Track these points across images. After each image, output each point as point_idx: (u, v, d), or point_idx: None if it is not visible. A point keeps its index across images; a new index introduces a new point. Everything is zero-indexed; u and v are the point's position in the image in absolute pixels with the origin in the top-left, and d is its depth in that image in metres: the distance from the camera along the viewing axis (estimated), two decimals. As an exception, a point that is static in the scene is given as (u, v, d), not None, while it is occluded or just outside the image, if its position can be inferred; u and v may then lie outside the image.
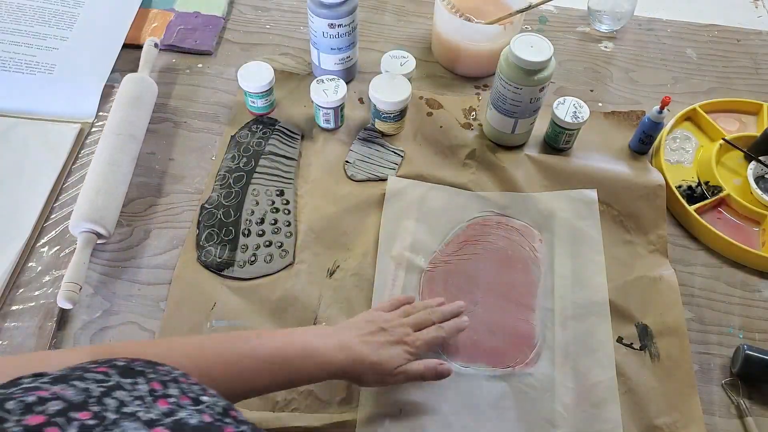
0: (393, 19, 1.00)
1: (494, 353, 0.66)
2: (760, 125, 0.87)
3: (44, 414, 0.28)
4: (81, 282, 0.65)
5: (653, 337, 0.68)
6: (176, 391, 0.35)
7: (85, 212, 0.68)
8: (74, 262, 0.66)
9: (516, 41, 0.72)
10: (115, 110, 0.78)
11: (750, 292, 0.73)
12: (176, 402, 0.34)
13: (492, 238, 0.75)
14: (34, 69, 0.84)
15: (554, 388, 0.64)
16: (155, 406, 0.32)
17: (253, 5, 1.00)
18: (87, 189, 0.71)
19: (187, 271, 0.70)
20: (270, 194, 0.77)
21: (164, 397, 0.33)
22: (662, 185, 0.78)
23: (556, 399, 0.64)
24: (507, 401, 0.63)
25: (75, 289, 0.64)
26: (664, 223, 0.76)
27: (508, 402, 0.63)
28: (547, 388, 0.64)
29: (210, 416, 0.34)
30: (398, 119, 0.82)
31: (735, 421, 0.64)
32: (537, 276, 0.72)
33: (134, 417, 0.30)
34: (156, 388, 0.34)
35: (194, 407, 0.34)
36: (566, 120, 0.78)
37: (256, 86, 0.80)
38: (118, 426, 0.29)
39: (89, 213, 0.68)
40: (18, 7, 0.89)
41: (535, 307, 0.70)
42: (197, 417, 0.33)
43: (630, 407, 0.64)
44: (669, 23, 1.02)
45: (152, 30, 0.93)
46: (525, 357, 0.66)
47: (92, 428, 0.28)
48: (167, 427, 0.31)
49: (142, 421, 0.30)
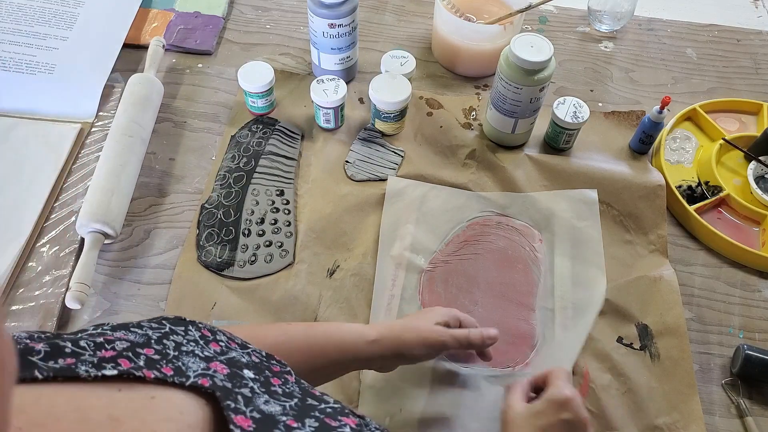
0: (393, 19, 1.00)
1: (494, 353, 0.66)
2: (760, 125, 0.87)
3: (114, 350, 0.30)
4: (89, 282, 0.65)
5: (653, 337, 0.68)
6: (224, 338, 0.37)
7: (94, 212, 0.68)
8: (82, 262, 0.66)
9: (516, 41, 0.72)
10: (123, 110, 0.78)
11: (750, 292, 0.73)
12: (226, 345, 0.37)
13: (492, 238, 0.75)
14: (34, 69, 0.84)
15: None
16: (208, 347, 0.35)
17: (253, 5, 1.00)
18: (95, 189, 0.70)
19: (188, 271, 0.70)
20: (270, 194, 0.77)
21: (215, 341, 0.36)
22: (662, 185, 0.78)
23: None
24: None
25: (84, 289, 0.64)
26: (664, 222, 0.76)
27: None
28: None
29: (257, 357, 0.37)
30: (398, 119, 0.82)
31: (735, 421, 0.64)
32: (537, 276, 0.72)
33: (193, 354, 0.33)
34: (206, 334, 0.37)
35: (242, 350, 0.37)
36: (566, 120, 0.78)
37: (256, 86, 0.80)
38: (180, 360, 0.32)
39: (98, 213, 0.68)
40: (18, 7, 0.89)
41: (534, 307, 0.70)
42: (246, 357, 0.36)
43: (630, 407, 0.64)
44: (669, 23, 1.02)
45: (152, 30, 0.93)
46: (525, 357, 0.66)
47: (158, 361, 0.31)
48: (222, 362, 0.34)
49: (200, 357, 0.33)
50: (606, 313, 0.70)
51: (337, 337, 0.55)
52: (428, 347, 0.57)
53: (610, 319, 0.70)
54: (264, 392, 0.33)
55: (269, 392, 0.33)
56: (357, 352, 0.55)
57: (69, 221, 0.72)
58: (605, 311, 0.70)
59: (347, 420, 0.34)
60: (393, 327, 0.57)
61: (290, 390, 0.35)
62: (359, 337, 0.55)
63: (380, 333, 0.56)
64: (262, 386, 0.34)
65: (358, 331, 0.56)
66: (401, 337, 0.56)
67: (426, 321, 0.58)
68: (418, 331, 0.57)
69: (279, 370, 0.37)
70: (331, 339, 0.55)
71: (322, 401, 0.36)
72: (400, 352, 0.56)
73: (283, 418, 0.31)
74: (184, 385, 0.30)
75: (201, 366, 0.32)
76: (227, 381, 0.32)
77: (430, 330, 0.57)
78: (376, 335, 0.55)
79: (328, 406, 0.35)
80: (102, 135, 0.80)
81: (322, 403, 0.35)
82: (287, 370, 0.38)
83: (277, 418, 0.31)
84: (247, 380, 0.33)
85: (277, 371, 0.37)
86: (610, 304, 0.70)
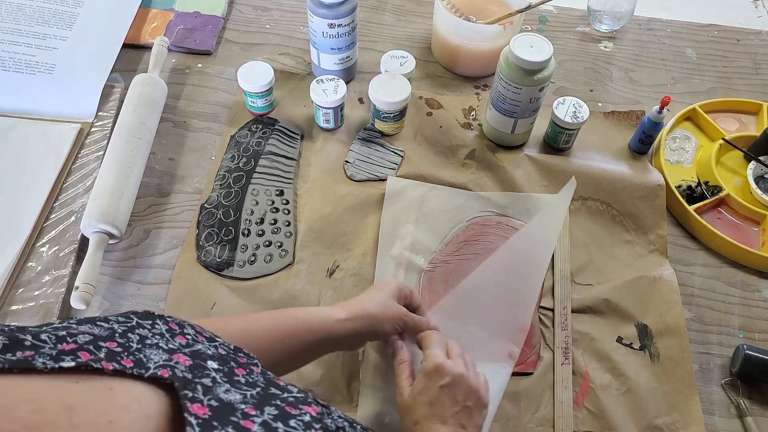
0: (393, 19, 1.00)
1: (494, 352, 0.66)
2: (760, 125, 0.87)
3: (75, 343, 0.31)
4: (94, 282, 0.65)
5: (653, 337, 0.68)
6: (192, 331, 0.38)
7: (103, 213, 0.68)
8: (87, 262, 0.66)
9: (516, 41, 0.72)
10: (131, 111, 0.77)
11: (750, 292, 0.73)
12: (193, 338, 0.37)
13: (491, 238, 0.75)
14: (34, 69, 0.84)
15: (555, 388, 0.64)
16: (174, 340, 0.36)
17: (253, 5, 1.00)
18: (103, 189, 0.70)
19: (187, 271, 0.70)
20: (270, 194, 0.77)
21: (182, 335, 0.37)
22: (662, 185, 0.78)
23: (557, 398, 0.64)
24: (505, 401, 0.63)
25: (90, 290, 0.64)
26: (664, 222, 0.76)
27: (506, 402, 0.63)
28: (547, 388, 0.64)
29: (224, 350, 0.38)
30: (398, 119, 0.82)
31: (735, 421, 0.64)
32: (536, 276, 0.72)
33: (156, 347, 0.34)
34: (173, 328, 0.37)
35: (210, 343, 0.38)
36: (566, 120, 0.78)
37: (256, 86, 0.80)
38: (142, 352, 0.33)
39: (107, 214, 0.68)
40: (18, 7, 0.89)
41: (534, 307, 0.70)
42: (213, 350, 0.37)
43: (630, 407, 0.64)
44: (669, 23, 1.02)
45: (152, 30, 0.93)
46: (525, 357, 0.66)
47: (119, 354, 0.32)
48: (186, 354, 0.34)
49: (164, 349, 0.34)
50: (606, 313, 0.70)
51: (308, 320, 0.55)
52: (394, 324, 0.58)
53: (610, 319, 0.70)
54: (226, 381, 0.34)
55: (231, 381, 0.34)
56: (329, 332, 0.55)
57: (69, 221, 0.72)
58: (605, 311, 0.70)
59: (308, 408, 0.35)
60: (362, 305, 0.57)
61: (254, 380, 0.36)
62: (330, 318, 0.55)
63: (351, 312, 0.56)
64: (225, 376, 0.34)
65: (327, 312, 0.56)
66: (372, 314, 0.57)
67: (387, 297, 0.59)
68: (384, 307, 0.58)
69: (245, 361, 0.38)
70: (302, 321, 0.55)
71: (285, 391, 0.36)
72: (373, 328, 0.57)
73: (242, 406, 0.32)
74: (143, 377, 0.31)
75: (163, 358, 0.33)
76: (188, 372, 0.32)
77: (397, 307, 0.59)
78: (347, 314, 0.56)
79: (290, 395, 0.36)
80: (102, 135, 0.80)
81: (285, 393, 0.36)
82: (254, 362, 0.38)
83: (236, 406, 0.31)
84: (209, 371, 0.34)
85: (243, 362, 0.38)
86: (610, 304, 0.70)
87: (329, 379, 0.64)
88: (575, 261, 0.74)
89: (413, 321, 0.60)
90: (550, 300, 0.71)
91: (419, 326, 0.60)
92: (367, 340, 0.61)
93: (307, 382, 0.63)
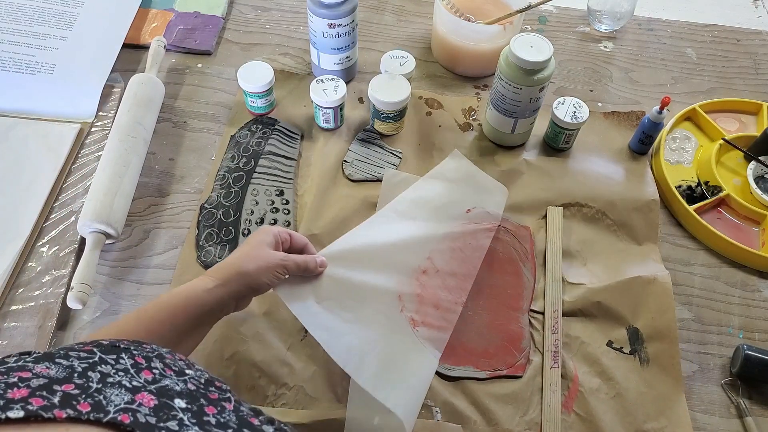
0: (393, 19, 1.00)
1: (483, 356, 0.66)
2: (760, 125, 0.87)
3: (28, 388, 0.29)
4: (91, 282, 0.65)
5: (643, 342, 0.68)
6: (160, 364, 0.36)
7: (97, 213, 0.68)
8: (84, 262, 0.66)
9: (516, 41, 0.72)
10: (126, 110, 0.78)
11: (750, 292, 0.73)
12: (161, 373, 0.35)
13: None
14: (34, 69, 0.84)
15: (543, 391, 0.64)
16: (139, 376, 0.34)
17: (253, 5, 1.00)
18: (98, 189, 0.70)
19: (187, 271, 0.70)
20: (269, 194, 0.77)
21: (148, 369, 0.35)
22: (656, 200, 0.78)
23: (545, 402, 0.63)
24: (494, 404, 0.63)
25: (86, 290, 0.64)
26: (657, 236, 0.76)
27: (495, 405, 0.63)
28: (535, 391, 0.64)
29: (194, 384, 0.36)
30: (397, 119, 0.82)
31: (735, 421, 0.64)
32: (528, 278, 0.72)
33: (119, 385, 0.32)
34: (140, 362, 0.35)
35: (178, 377, 0.35)
36: (566, 120, 0.78)
37: (256, 86, 0.80)
38: (102, 393, 0.31)
39: (101, 214, 0.68)
40: (18, 7, 0.89)
41: (525, 309, 0.70)
42: (181, 385, 0.35)
43: (618, 412, 0.63)
44: (669, 23, 1.02)
45: (152, 30, 0.93)
46: (514, 360, 0.66)
47: (75, 397, 0.29)
48: (151, 392, 0.32)
49: (127, 388, 0.32)
50: (597, 316, 0.69)
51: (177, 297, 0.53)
52: (273, 274, 0.56)
53: (601, 323, 0.69)
54: (194, 423, 0.32)
55: (200, 423, 0.32)
56: (201, 305, 0.53)
57: (69, 221, 0.72)
58: (596, 314, 0.69)
59: None
60: (231, 265, 0.56)
61: (225, 420, 0.34)
62: (197, 289, 0.54)
63: (219, 277, 0.55)
64: (194, 416, 0.32)
65: (194, 284, 0.54)
66: (242, 271, 0.55)
67: (260, 248, 0.57)
68: (259, 260, 0.56)
69: (216, 397, 0.36)
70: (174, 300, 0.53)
71: None
72: (249, 285, 0.55)
73: None
74: (101, 421, 0.29)
75: (125, 399, 0.31)
76: (152, 415, 0.31)
77: (272, 255, 0.57)
78: (215, 281, 0.54)
79: None
80: (102, 135, 0.80)
81: None
82: (226, 396, 0.37)
83: None
84: (176, 411, 0.32)
85: (214, 398, 0.36)
86: (602, 307, 0.69)
87: (322, 375, 0.64)
88: (567, 262, 0.73)
89: (295, 263, 0.57)
90: (541, 303, 0.70)
91: (303, 266, 0.58)
92: (251, 296, 0.60)
93: (299, 378, 0.63)
